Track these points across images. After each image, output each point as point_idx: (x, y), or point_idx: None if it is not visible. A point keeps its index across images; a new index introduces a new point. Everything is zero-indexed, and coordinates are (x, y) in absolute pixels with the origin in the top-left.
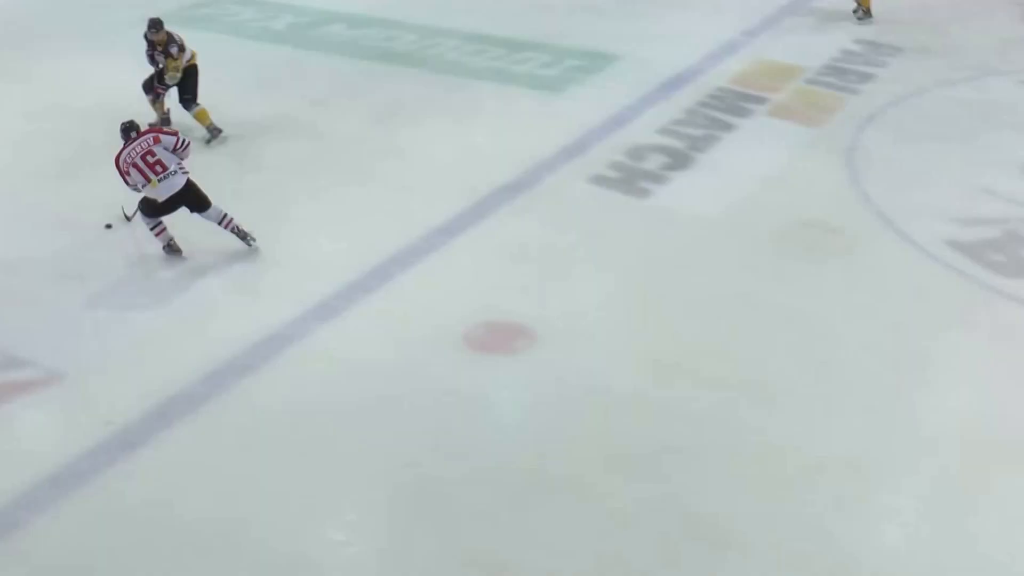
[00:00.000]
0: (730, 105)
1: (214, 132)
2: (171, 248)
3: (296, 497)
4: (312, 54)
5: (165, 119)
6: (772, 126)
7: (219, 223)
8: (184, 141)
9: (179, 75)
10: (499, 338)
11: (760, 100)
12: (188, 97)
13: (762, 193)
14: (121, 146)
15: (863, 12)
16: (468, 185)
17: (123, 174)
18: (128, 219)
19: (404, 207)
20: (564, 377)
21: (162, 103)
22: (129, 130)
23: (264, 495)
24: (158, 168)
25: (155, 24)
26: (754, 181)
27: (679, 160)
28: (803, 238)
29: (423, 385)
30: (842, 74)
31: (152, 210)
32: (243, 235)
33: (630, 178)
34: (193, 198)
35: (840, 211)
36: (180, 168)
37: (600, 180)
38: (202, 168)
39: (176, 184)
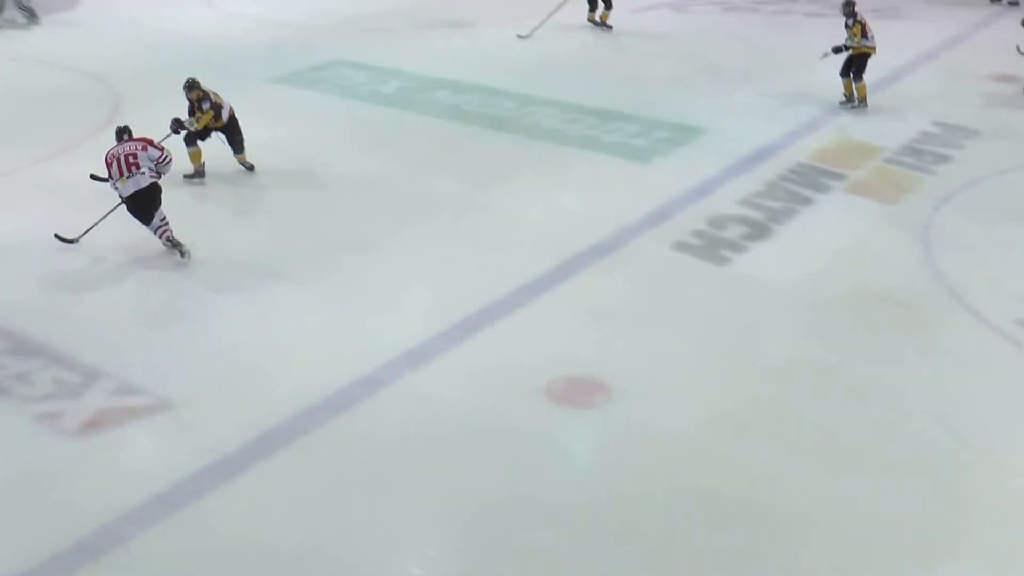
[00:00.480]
0: (810, 180)
1: (247, 166)
2: (175, 245)
3: (380, 532)
4: (417, 116)
5: (199, 171)
6: (850, 202)
7: (154, 232)
8: (167, 158)
9: (199, 125)
10: (578, 391)
11: (839, 177)
12: (237, 145)
13: (837, 265)
14: (115, 144)
15: (858, 101)
16: (556, 245)
17: (107, 165)
18: (101, 180)
19: (494, 263)
20: (638, 430)
21: (198, 155)
22: (123, 132)
23: (349, 528)
24: (132, 169)
25: (187, 84)
26: (830, 254)
27: (758, 230)
28: (876, 311)
29: (504, 432)
30: (920, 155)
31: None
32: (176, 244)
33: (710, 245)
34: (146, 202)
35: (913, 286)
36: (150, 171)
37: (682, 246)
38: (311, 216)
39: (141, 183)
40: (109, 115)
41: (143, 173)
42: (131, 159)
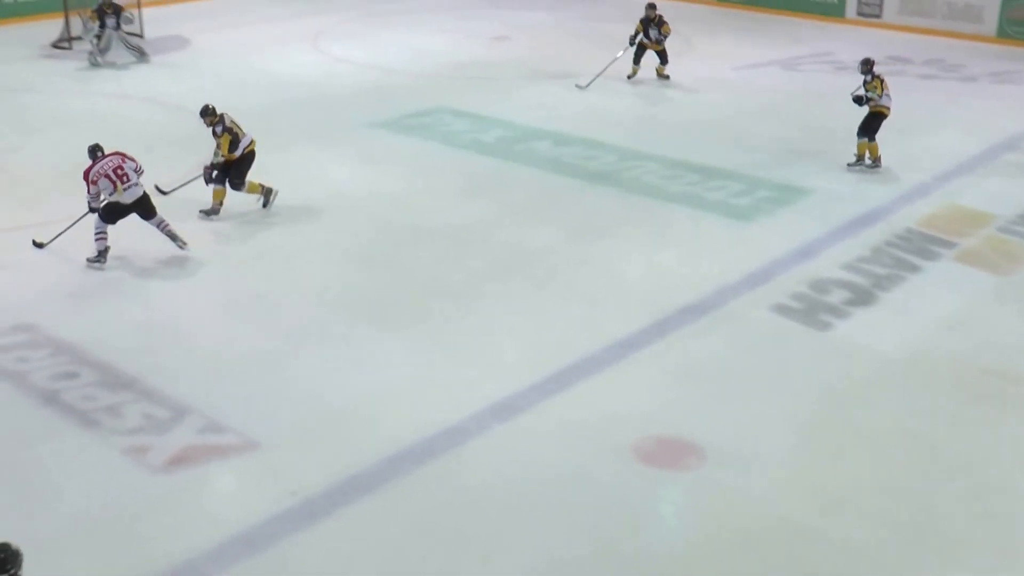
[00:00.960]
0: (917, 247)
1: (267, 195)
2: (101, 257)
3: None
4: (517, 167)
5: (215, 210)
6: (959, 271)
7: (158, 227)
8: (140, 168)
9: (221, 155)
10: (668, 453)
11: (948, 244)
12: (237, 182)
13: (943, 336)
14: (91, 163)
15: (871, 162)
16: (653, 302)
17: (91, 183)
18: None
19: (590, 317)
20: (729, 498)
21: (220, 192)
22: (96, 150)
23: None
24: (124, 179)
25: (202, 110)
26: (936, 324)
27: (862, 296)
28: (982, 385)
29: (590, 489)
30: None
31: (110, 216)
32: (174, 237)
33: (812, 310)
34: (146, 207)
35: (1023, 361)
36: (138, 182)
37: (782, 309)
38: (406, 261)
39: (137, 193)
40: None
41: (136, 184)
42: (119, 172)
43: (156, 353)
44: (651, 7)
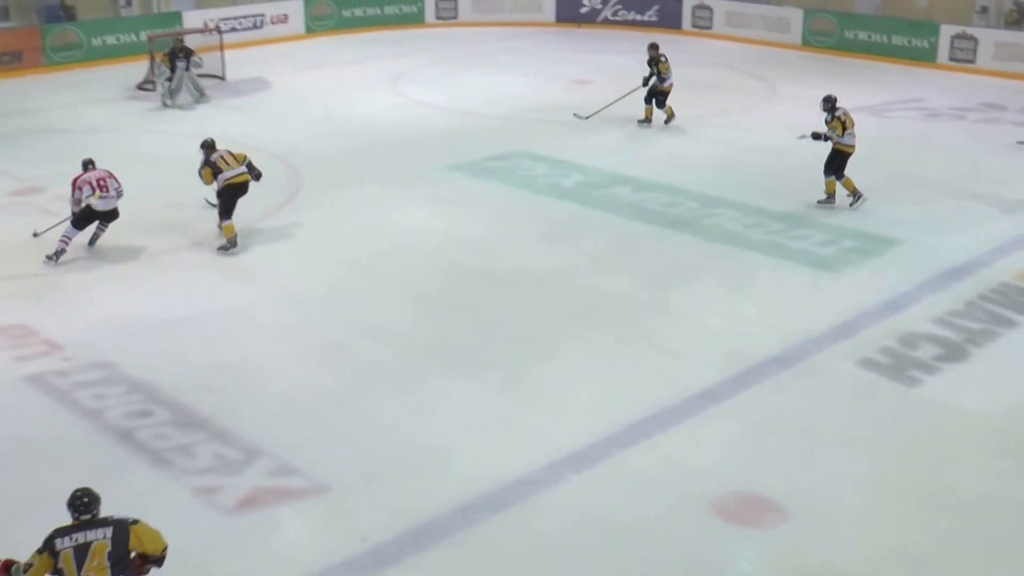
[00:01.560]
0: (1013, 301)
1: (230, 244)
2: (56, 256)
3: None
4: (596, 212)
5: (232, 242)
6: None
7: (101, 232)
8: (121, 190)
9: (204, 181)
10: (747, 509)
11: None
12: (222, 213)
13: None
14: (80, 172)
15: (852, 196)
16: (733, 354)
17: (76, 188)
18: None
19: (667, 368)
20: (810, 559)
21: (230, 227)
22: (88, 164)
23: None
24: (103, 190)
25: (201, 144)
26: None
27: (954, 352)
28: None
29: (665, 545)
30: None
31: (82, 221)
32: (92, 241)
33: (900, 365)
34: (112, 216)
35: None
36: (116, 195)
37: (868, 364)
38: (480, 305)
39: (110, 204)
40: (289, 196)
41: (112, 196)
42: (102, 183)
43: (229, 393)
44: (653, 47)
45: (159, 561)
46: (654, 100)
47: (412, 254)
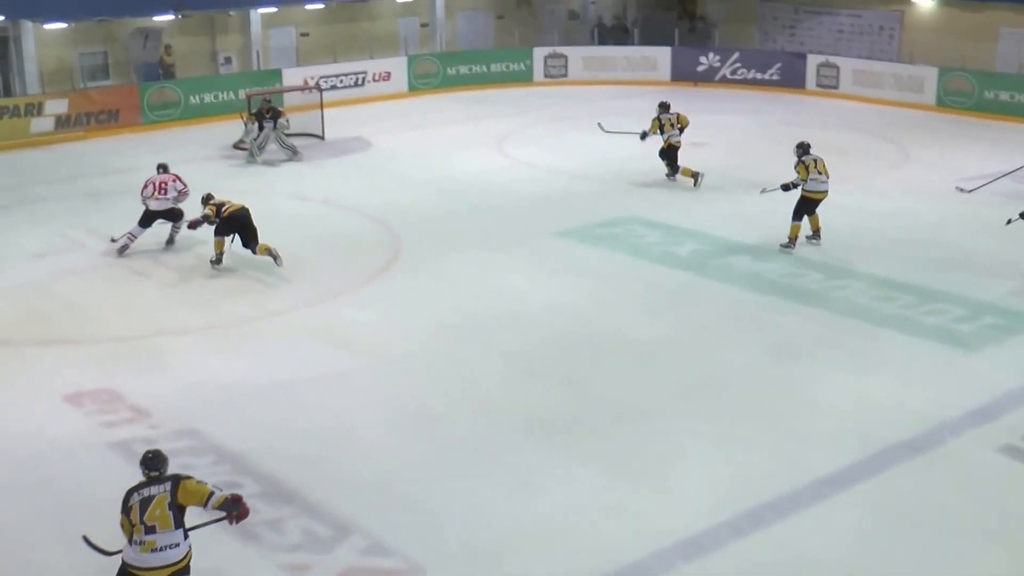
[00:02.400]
0: None
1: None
2: (122, 250)
3: None
4: (712, 283)
5: (214, 259)
6: None
7: (176, 229)
8: (186, 190)
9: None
10: None
11: None
12: (249, 244)
13: None
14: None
15: (812, 233)
16: (860, 437)
17: (144, 186)
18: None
19: (788, 450)
20: None
21: (220, 243)
22: (160, 167)
23: None
24: (161, 192)
25: (203, 199)
26: None
27: None
28: None
29: None
30: None
31: (144, 220)
32: (169, 241)
33: None
34: (168, 216)
35: None
36: (173, 199)
37: (1011, 451)
38: (586, 378)
39: (164, 205)
40: (388, 260)
41: (167, 198)
42: (163, 185)
43: (319, 465)
44: (662, 106)
45: (235, 506)
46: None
47: (515, 322)
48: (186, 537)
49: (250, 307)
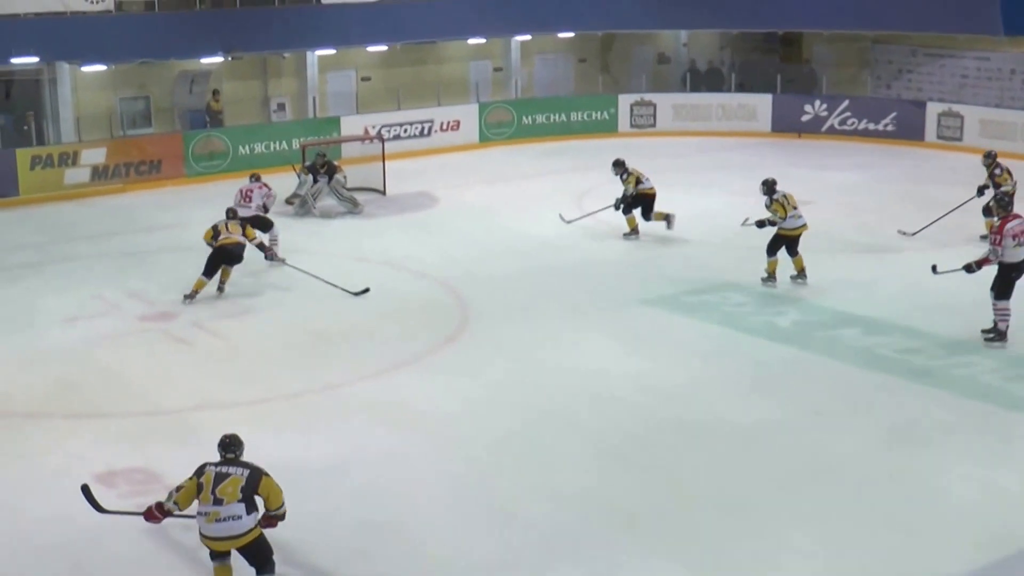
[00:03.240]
0: None
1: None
2: (270, 256)
3: None
4: (817, 358)
5: (192, 295)
6: None
7: (270, 241)
8: (272, 195)
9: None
10: None
11: None
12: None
13: None
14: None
15: (798, 273)
16: (990, 535)
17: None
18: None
19: (905, 548)
20: None
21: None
22: (253, 176)
23: None
24: (246, 200)
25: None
26: None
27: None
28: None
29: None
30: None
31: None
32: (263, 250)
33: None
34: (256, 223)
35: None
36: (256, 206)
37: None
38: (678, 467)
39: (246, 212)
40: (455, 328)
41: (249, 206)
42: (248, 194)
43: (378, 559)
44: (617, 164)
45: (281, 517)
46: (639, 210)
47: (597, 401)
48: (249, 513)
49: (302, 379)
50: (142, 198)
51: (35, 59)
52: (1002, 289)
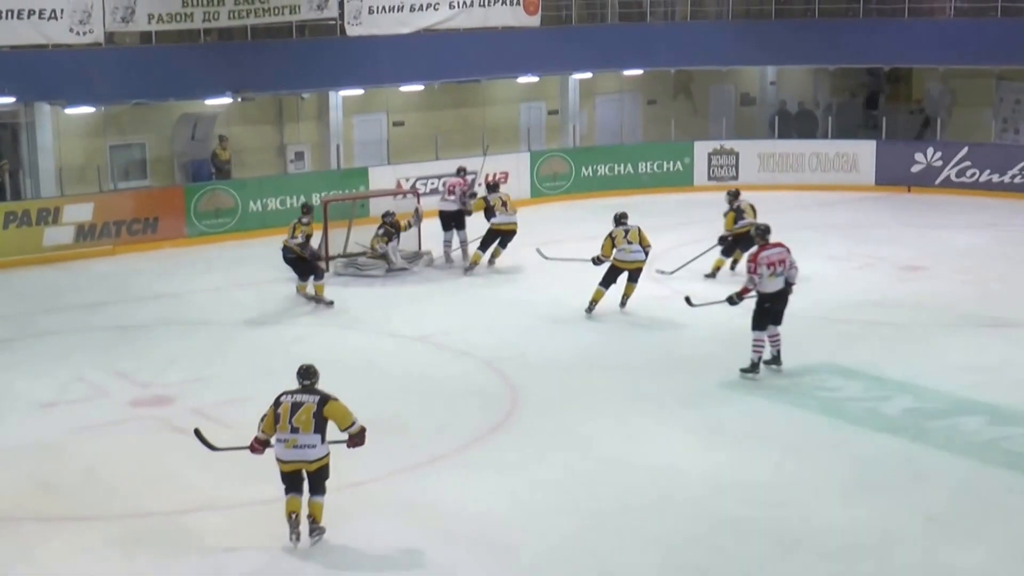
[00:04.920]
0: None
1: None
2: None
3: None
4: (933, 452)
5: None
6: None
7: (462, 243)
8: (471, 190)
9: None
10: None
11: None
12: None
13: None
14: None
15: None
16: None
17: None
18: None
19: None
20: None
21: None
22: (460, 169)
23: None
24: (450, 194)
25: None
26: None
27: None
28: None
29: None
30: None
31: (444, 225)
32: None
33: None
34: (460, 219)
35: None
36: (460, 200)
37: None
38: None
39: (451, 207)
40: (502, 417)
41: (452, 198)
42: (452, 188)
43: None
44: (619, 217)
45: (359, 435)
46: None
47: (671, 504)
48: (323, 442)
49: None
50: (135, 262)
51: (11, 99)
52: (756, 319)
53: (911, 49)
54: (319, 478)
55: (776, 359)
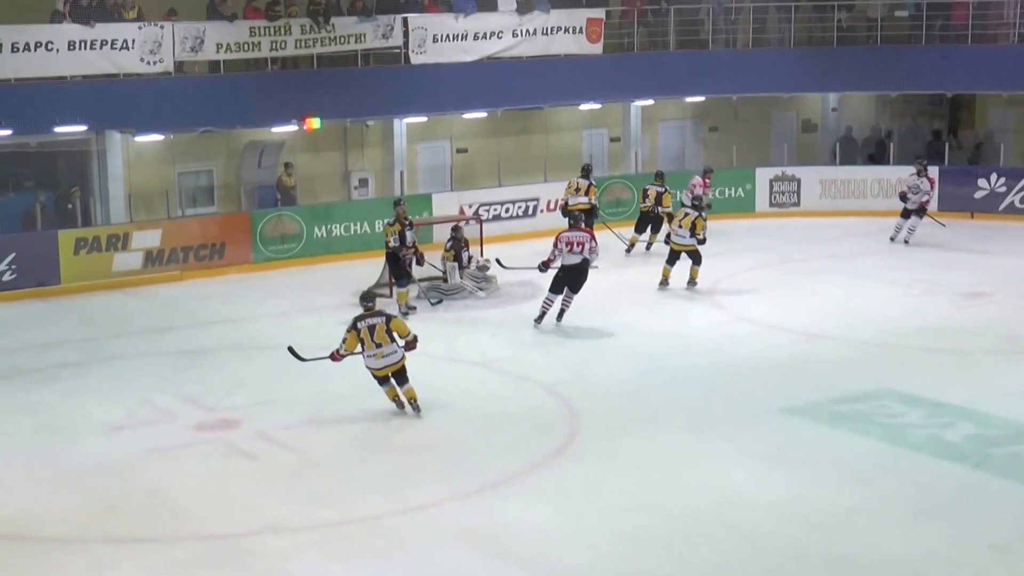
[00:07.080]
0: None
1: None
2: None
3: None
4: (998, 481)
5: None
6: None
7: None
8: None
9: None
10: None
11: None
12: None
13: None
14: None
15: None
16: None
17: (568, 244)
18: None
19: None
20: None
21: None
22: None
23: None
24: (578, 248)
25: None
26: None
27: None
28: None
29: None
30: None
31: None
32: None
33: None
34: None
35: None
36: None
37: None
38: None
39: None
40: (563, 442)
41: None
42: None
43: None
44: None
45: (414, 341)
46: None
47: (731, 532)
48: (399, 348)
49: (384, 499)
50: (202, 287)
51: (82, 128)
52: (553, 284)
53: (975, 75)
54: (402, 372)
55: (559, 316)
